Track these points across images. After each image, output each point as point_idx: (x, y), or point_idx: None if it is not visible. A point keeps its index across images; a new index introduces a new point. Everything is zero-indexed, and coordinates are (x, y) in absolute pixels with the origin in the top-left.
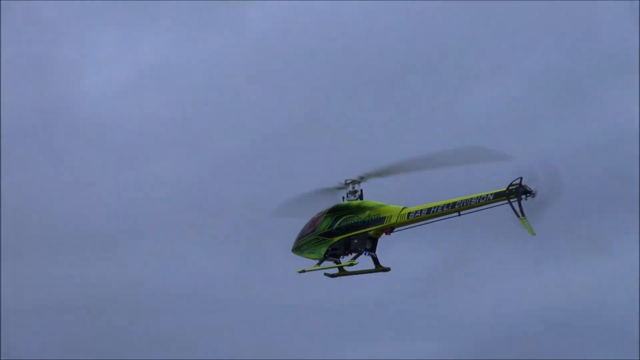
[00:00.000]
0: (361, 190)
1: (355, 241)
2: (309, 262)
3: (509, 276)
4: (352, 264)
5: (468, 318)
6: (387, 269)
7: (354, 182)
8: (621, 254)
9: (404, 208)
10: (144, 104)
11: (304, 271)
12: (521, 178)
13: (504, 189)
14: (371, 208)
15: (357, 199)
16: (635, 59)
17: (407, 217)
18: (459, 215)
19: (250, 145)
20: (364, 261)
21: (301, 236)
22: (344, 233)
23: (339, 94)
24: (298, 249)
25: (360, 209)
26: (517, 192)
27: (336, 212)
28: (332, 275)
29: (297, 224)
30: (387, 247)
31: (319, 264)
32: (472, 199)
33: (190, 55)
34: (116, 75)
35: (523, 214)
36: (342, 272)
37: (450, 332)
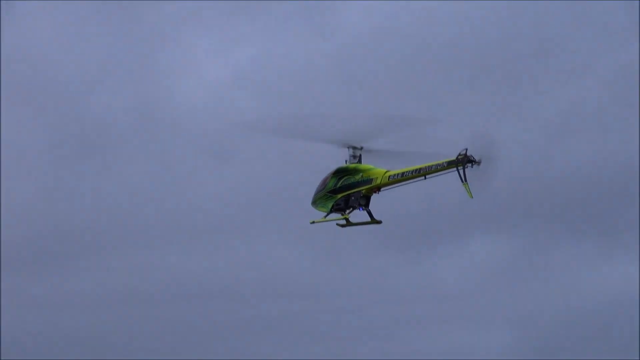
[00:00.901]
0: (360, 155)
1: (353, 198)
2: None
3: None
4: (345, 220)
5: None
6: (379, 222)
7: (355, 148)
8: None
9: (387, 171)
10: (237, 104)
11: (314, 222)
12: (467, 149)
13: (454, 157)
14: (363, 171)
15: (356, 162)
16: None
17: (388, 179)
18: (425, 178)
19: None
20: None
21: (317, 192)
22: (344, 191)
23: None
24: (314, 202)
25: (356, 171)
26: (462, 161)
27: (339, 173)
28: (342, 226)
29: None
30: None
31: (326, 216)
32: (432, 165)
33: (282, 57)
34: (211, 76)
35: (465, 180)
36: (348, 223)
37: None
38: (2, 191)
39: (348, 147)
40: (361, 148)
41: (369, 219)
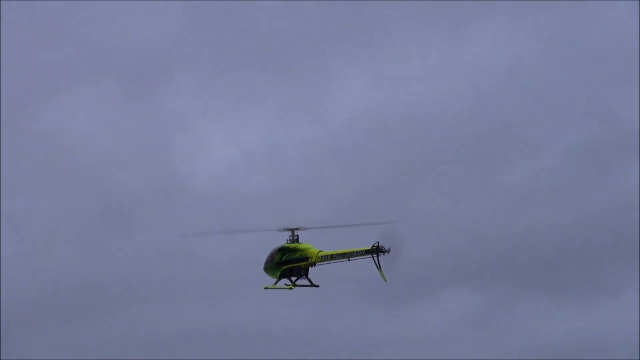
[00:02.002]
0: (297, 236)
1: (295, 270)
2: (271, 280)
3: None
4: (290, 288)
5: None
6: (317, 286)
7: (292, 229)
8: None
9: (319, 251)
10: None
11: (267, 288)
12: (378, 242)
13: (370, 247)
14: (302, 250)
15: (295, 242)
16: None
17: (321, 258)
18: (349, 260)
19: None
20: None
21: (266, 262)
22: (288, 264)
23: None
24: (265, 269)
25: (296, 250)
26: (375, 251)
27: (282, 250)
28: (289, 288)
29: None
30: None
31: (275, 283)
32: (354, 251)
33: (284, 138)
34: (225, 155)
35: (379, 267)
36: (292, 286)
37: None
38: (34, 256)
39: (288, 230)
40: (297, 229)
41: (309, 283)
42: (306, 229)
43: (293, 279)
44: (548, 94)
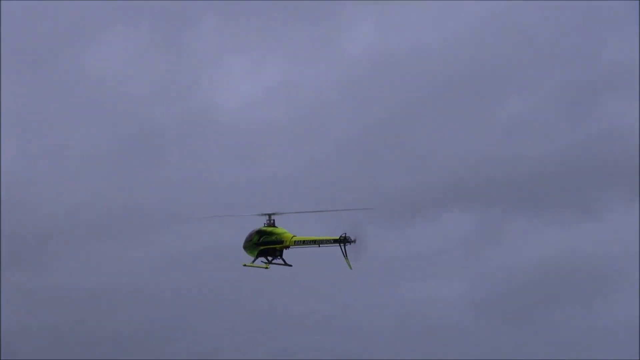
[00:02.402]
0: (274, 220)
1: (270, 250)
2: (250, 258)
3: None
4: (266, 267)
5: None
6: (290, 265)
7: (269, 214)
8: None
9: (294, 236)
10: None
11: (245, 265)
12: (345, 233)
13: (337, 237)
14: (277, 234)
15: (271, 226)
16: None
17: (294, 243)
18: (319, 246)
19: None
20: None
21: (246, 241)
22: (264, 245)
23: None
24: (245, 248)
25: (272, 233)
26: (342, 240)
27: (260, 233)
28: (265, 267)
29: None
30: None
31: (253, 261)
32: (324, 239)
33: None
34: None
35: (346, 255)
36: (268, 265)
37: None
38: (76, 183)
39: (265, 215)
40: (274, 214)
41: (283, 263)
42: (282, 214)
43: (269, 258)
44: (539, 37)
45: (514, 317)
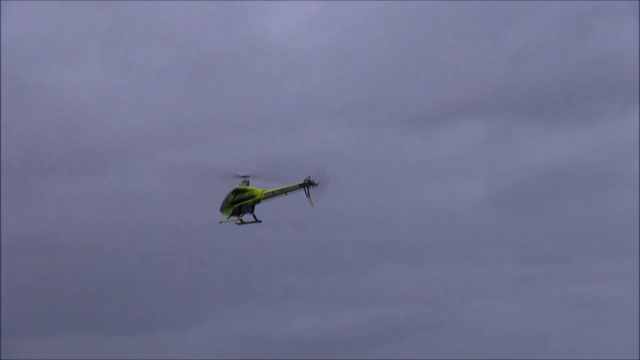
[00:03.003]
0: (248, 181)
1: (243, 207)
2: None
3: None
4: (241, 221)
5: None
6: (260, 221)
7: (245, 176)
8: None
9: (263, 190)
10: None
11: (221, 222)
12: (309, 176)
13: (302, 182)
14: (249, 190)
15: (245, 184)
16: None
17: (264, 195)
18: (286, 195)
19: None
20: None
21: (222, 203)
22: (238, 203)
23: None
24: (221, 209)
25: (245, 190)
26: (306, 184)
27: (235, 192)
28: (239, 224)
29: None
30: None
31: (228, 218)
32: (289, 187)
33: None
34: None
35: (309, 195)
36: (242, 222)
37: None
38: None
39: (240, 177)
40: (248, 176)
41: (254, 219)
42: (255, 177)
43: (242, 215)
44: None
45: (523, 210)
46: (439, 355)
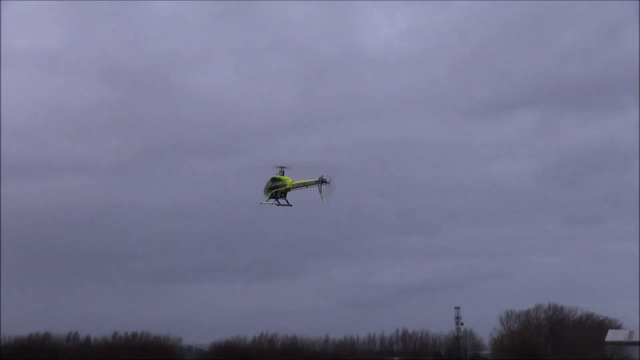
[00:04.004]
0: (284, 171)
1: (279, 193)
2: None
3: None
4: (278, 203)
5: None
6: (291, 205)
7: (282, 167)
8: None
9: (293, 181)
10: None
11: (262, 203)
12: (322, 175)
13: (317, 179)
14: (283, 179)
15: (280, 174)
16: None
17: (292, 186)
18: (307, 188)
19: None
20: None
21: (265, 187)
22: (275, 189)
23: None
24: (264, 192)
25: (279, 180)
26: (320, 181)
27: (273, 179)
28: (277, 205)
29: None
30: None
31: (267, 200)
32: (308, 182)
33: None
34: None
35: (320, 191)
36: (278, 204)
37: None
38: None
39: (277, 167)
40: (284, 167)
41: (286, 204)
42: (289, 168)
43: (279, 199)
44: None
45: (565, 183)
46: (497, 299)
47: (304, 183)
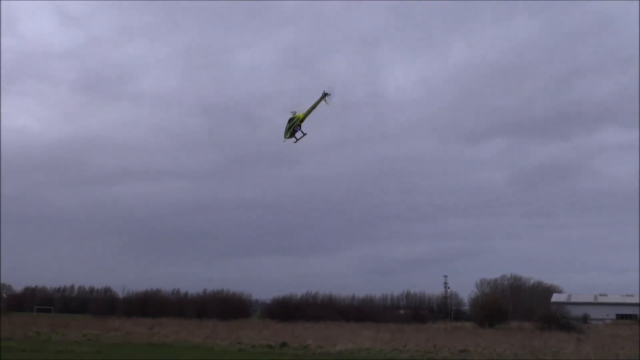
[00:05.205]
0: (295, 111)
1: (294, 127)
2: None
3: None
4: (295, 139)
5: None
6: (306, 134)
7: (293, 111)
8: None
9: (303, 113)
10: None
11: (284, 139)
12: (324, 90)
13: (321, 95)
14: (295, 116)
15: (293, 114)
16: None
17: (304, 115)
18: (315, 108)
19: None
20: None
21: (285, 131)
22: (291, 126)
23: None
24: (284, 134)
25: (292, 118)
26: (323, 95)
27: (288, 121)
28: (295, 142)
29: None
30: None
31: (289, 136)
32: (315, 103)
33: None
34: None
35: (326, 101)
36: (296, 140)
37: None
38: None
39: (291, 111)
40: (295, 110)
41: (302, 135)
42: (299, 110)
43: (296, 135)
44: None
45: (526, 186)
46: (474, 270)
47: (312, 106)
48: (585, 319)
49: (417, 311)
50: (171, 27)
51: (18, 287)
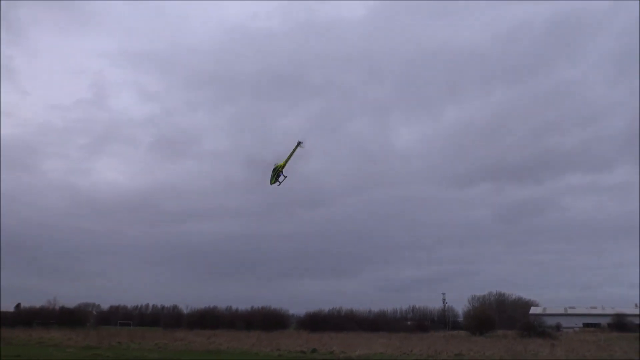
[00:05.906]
0: (276, 163)
1: (278, 174)
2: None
3: None
4: (279, 183)
5: None
6: (286, 177)
7: (275, 163)
8: None
9: (282, 163)
10: None
11: (271, 184)
12: (298, 140)
13: (296, 144)
14: (278, 165)
15: (275, 165)
16: None
17: (284, 163)
18: (290, 158)
19: None
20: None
21: (271, 175)
22: (275, 174)
23: None
24: (270, 179)
25: (275, 167)
26: (298, 144)
27: (274, 169)
28: (278, 185)
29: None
30: None
31: (272, 183)
32: (291, 152)
33: None
34: None
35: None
36: (279, 184)
37: None
38: None
39: (274, 164)
40: (276, 162)
41: (283, 178)
42: (279, 161)
43: (279, 179)
44: None
45: (507, 223)
46: (467, 288)
47: (289, 155)
48: (558, 327)
49: (421, 322)
50: (226, 100)
51: (105, 305)
